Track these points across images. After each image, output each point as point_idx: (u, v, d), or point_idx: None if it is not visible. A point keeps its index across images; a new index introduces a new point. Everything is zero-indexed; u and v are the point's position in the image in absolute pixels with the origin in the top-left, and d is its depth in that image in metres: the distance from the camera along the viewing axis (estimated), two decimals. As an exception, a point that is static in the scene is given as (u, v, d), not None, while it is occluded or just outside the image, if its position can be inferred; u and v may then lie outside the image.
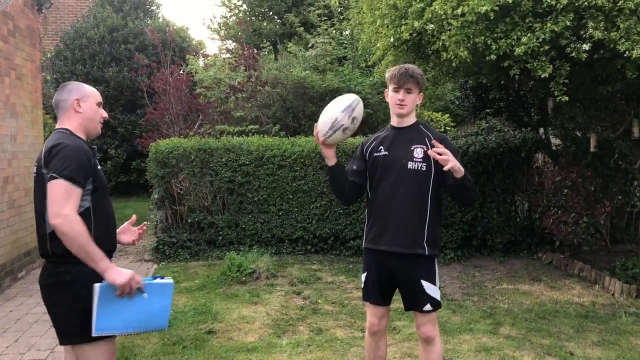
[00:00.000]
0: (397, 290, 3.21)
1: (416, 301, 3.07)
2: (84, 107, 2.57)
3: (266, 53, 10.71)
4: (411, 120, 3.13)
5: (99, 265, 2.35)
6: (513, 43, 4.74)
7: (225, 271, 6.19)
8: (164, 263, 7.14)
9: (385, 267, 3.09)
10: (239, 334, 4.68)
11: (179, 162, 7.33)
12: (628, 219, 7.85)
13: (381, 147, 3.12)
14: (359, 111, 3.02)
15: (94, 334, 2.38)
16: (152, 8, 15.92)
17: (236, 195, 7.42)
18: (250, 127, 8.92)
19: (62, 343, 2.53)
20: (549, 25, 4.58)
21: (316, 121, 3.06)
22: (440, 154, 2.84)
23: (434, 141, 2.92)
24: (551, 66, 4.76)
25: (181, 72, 10.86)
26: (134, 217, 2.87)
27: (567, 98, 4.89)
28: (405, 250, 3.02)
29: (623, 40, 4.39)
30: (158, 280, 2.56)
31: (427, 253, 3.03)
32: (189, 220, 7.43)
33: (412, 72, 3.05)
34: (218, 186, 7.36)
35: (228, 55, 11.88)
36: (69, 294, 2.41)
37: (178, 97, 9.85)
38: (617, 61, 4.86)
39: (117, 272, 2.38)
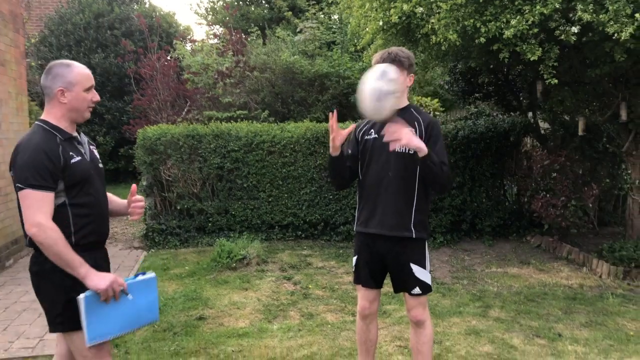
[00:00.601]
0: (387, 274, 3.21)
1: (405, 284, 3.07)
2: (68, 98, 2.44)
3: (254, 38, 10.62)
4: (402, 103, 3.08)
5: (78, 272, 2.31)
6: (502, 26, 4.73)
7: (215, 257, 6.18)
8: (153, 250, 7.10)
9: (375, 250, 3.10)
10: (229, 319, 4.68)
11: (167, 148, 7.27)
12: (615, 202, 7.93)
13: (372, 130, 3.11)
14: (394, 72, 2.84)
15: (87, 345, 2.35)
16: (138, -7, 15.68)
17: (225, 181, 7.39)
18: (238, 112, 8.87)
19: (51, 331, 2.50)
20: (538, 7, 4.56)
21: (305, 107, 3.03)
22: (394, 138, 2.79)
23: (387, 124, 2.83)
24: (540, 49, 4.75)
25: (168, 58, 10.74)
26: (133, 187, 2.71)
27: (556, 81, 4.89)
28: (393, 233, 3.02)
29: (612, 22, 4.39)
30: (140, 277, 2.54)
31: (414, 236, 3.03)
32: (178, 207, 7.39)
33: (395, 55, 3.01)
34: (207, 172, 7.32)
35: (215, 40, 11.76)
36: (51, 282, 2.38)
37: (165, 83, 9.75)
38: (605, 44, 4.87)
39: (99, 278, 2.33)
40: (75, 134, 2.51)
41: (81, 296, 2.32)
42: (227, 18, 14.02)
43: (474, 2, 4.75)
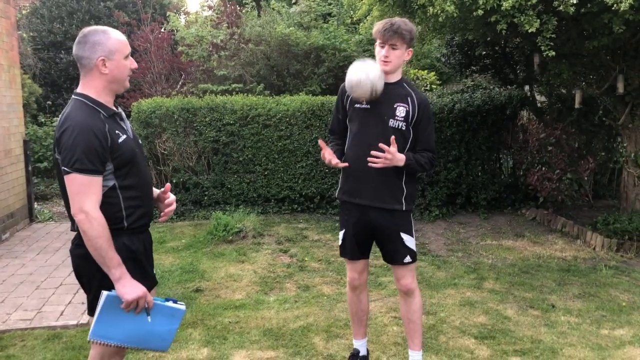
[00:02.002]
0: (374, 245, 3.24)
1: (397, 254, 3.10)
2: (110, 67, 2.24)
3: (249, 10, 10.48)
4: (397, 76, 3.08)
5: (112, 273, 2.17)
6: (501, -3, 4.66)
7: (211, 230, 6.19)
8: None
9: (363, 220, 3.10)
10: (226, 291, 4.71)
11: (162, 122, 7.22)
12: (610, 175, 7.95)
13: None
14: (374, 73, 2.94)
15: (89, 338, 2.24)
16: (131, -37, 15.40)
17: (221, 155, 7.36)
18: (234, 85, 8.80)
19: (89, 314, 2.39)
20: (537, -22, 4.50)
21: (300, 80, 3.03)
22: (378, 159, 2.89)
23: (381, 145, 2.88)
24: (538, 20, 4.70)
25: (162, 30, 10.60)
26: (167, 185, 2.57)
27: (554, 53, 4.86)
28: (385, 206, 3.04)
29: (611, -7, 4.34)
30: (170, 303, 2.36)
31: (404, 208, 3.07)
32: (174, 181, 7.37)
33: (397, 28, 2.96)
34: (202, 146, 7.29)
35: (210, 12, 11.60)
36: (92, 266, 2.23)
37: (160, 56, 9.64)
38: (604, 15, 4.82)
39: (130, 287, 2.19)
40: (117, 109, 2.35)
41: (105, 292, 2.21)
42: (222, -11, 13.80)
43: (472, -28, 4.69)
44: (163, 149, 7.28)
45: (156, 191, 2.56)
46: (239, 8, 10.51)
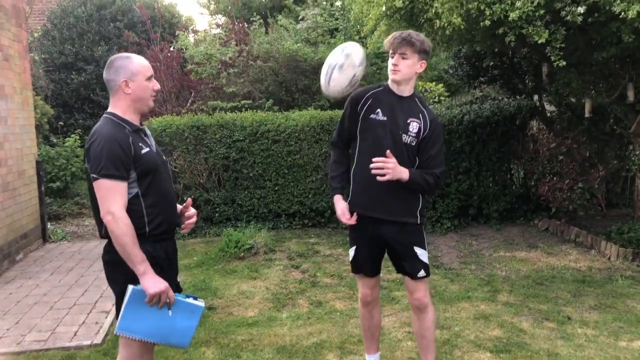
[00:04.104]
0: (386, 259, 3.22)
1: (411, 268, 3.07)
2: (132, 88, 2.50)
3: (257, 27, 10.56)
4: (409, 90, 3.04)
5: (137, 269, 2.37)
6: (507, 8, 4.67)
7: (223, 247, 6.20)
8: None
9: (376, 234, 3.07)
10: (239, 309, 4.70)
11: (173, 140, 7.27)
12: (623, 184, 7.87)
13: (379, 110, 3.01)
14: (352, 47, 2.96)
15: (115, 332, 2.45)
16: (139, -16, 15.61)
17: (231, 171, 7.39)
18: (243, 102, 8.85)
19: (117, 317, 2.55)
20: (543, -12, 4.50)
21: (309, 94, 3.04)
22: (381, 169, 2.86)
23: (376, 160, 2.85)
24: (547, 31, 4.70)
25: (171, 49, 10.71)
26: (189, 200, 2.77)
27: (564, 62, 4.84)
28: (398, 219, 3.01)
29: (618, 1, 4.33)
30: (190, 300, 2.55)
31: (418, 221, 3.06)
32: (185, 198, 7.38)
33: (407, 36, 2.93)
34: (213, 163, 7.32)
35: (218, 30, 11.72)
36: (122, 272, 2.43)
37: (169, 75, 9.73)
38: (612, 24, 4.81)
39: (153, 281, 2.39)
40: (141, 126, 2.59)
41: (131, 286, 2.40)
42: (229, 7, 13.94)
43: (478, -15, 4.70)
44: (174, 166, 7.32)
45: (179, 206, 2.74)
46: (246, 26, 10.61)
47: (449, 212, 7.25)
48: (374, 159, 2.85)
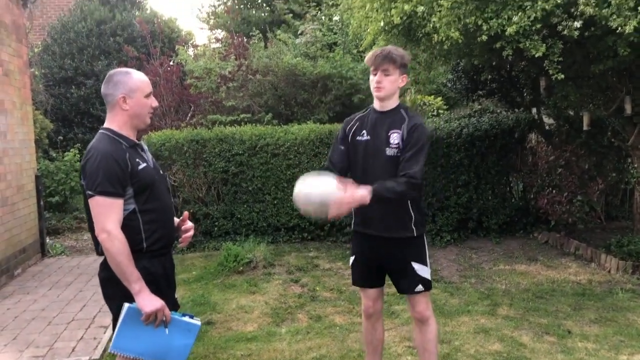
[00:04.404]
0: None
1: (408, 284, 3.07)
2: (130, 104, 2.48)
3: (256, 41, 10.62)
4: (393, 104, 3.06)
5: (132, 287, 2.35)
6: (504, 23, 4.71)
7: (222, 262, 6.18)
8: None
9: (375, 251, 3.10)
10: (237, 323, 4.68)
11: (172, 154, 7.28)
12: (622, 196, 7.88)
13: (363, 131, 3.06)
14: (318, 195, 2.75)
15: (109, 350, 2.42)
16: (140, -1, 15.74)
17: (230, 185, 7.40)
18: (242, 116, 8.87)
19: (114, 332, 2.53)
20: (539, 3, 4.55)
21: (308, 108, 3.03)
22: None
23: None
24: (544, 45, 4.73)
25: (171, 63, 10.75)
26: (186, 214, 2.76)
27: (562, 76, 4.87)
28: (395, 235, 3.02)
29: (615, 16, 4.37)
30: (186, 319, 2.52)
31: (415, 234, 3.05)
32: (184, 212, 7.38)
33: (388, 53, 2.95)
34: (212, 177, 7.33)
35: (218, 44, 11.78)
36: (119, 289, 2.40)
37: (169, 89, 9.76)
38: (608, 38, 4.84)
39: (149, 299, 2.36)
40: (138, 141, 2.57)
41: (126, 304, 2.38)
42: (229, 22, 14.03)
43: (475, 0, 4.74)
44: (173, 180, 7.32)
45: (175, 220, 2.73)
46: (246, 40, 10.66)
47: (448, 225, 7.24)
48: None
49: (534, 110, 7.98)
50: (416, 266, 3.04)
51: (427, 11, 5.05)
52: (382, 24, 5.56)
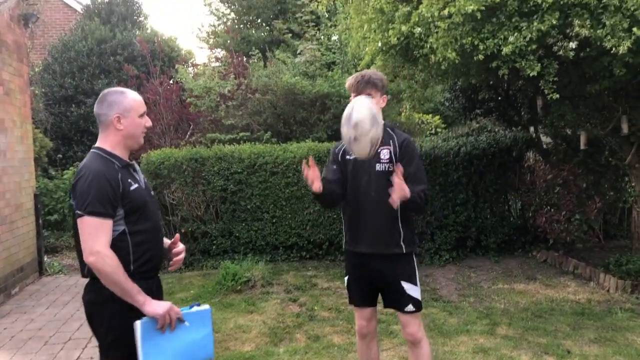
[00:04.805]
0: None
1: (398, 302, 3.10)
2: (125, 124, 2.44)
3: (255, 60, 10.71)
4: None
5: (137, 300, 2.31)
6: (500, 43, 4.76)
7: (220, 280, 6.17)
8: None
9: (366, 268, 3.13)
10: (235, 343, 4.65)
11: (171, 172, 7.30)
12: (620, 215, 7.88)
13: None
14: (357, 113, 2.82)
15: None
16: (140, 19, 15.87)
17: (229, 203, 7.40)
18: (241, 134, 8.91)
19: (101, 358, 2.47)
20: (535, 24, 4.60)
21: (307, 127, 3.07)
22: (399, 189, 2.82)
23: (397, 169, 2.84)
24: (539, 64, 4.78)
25: (171, 82, 10.83)
26: (177, 236, 2.74)
27: (557, 96, 4.91)
28: (383, 251, 3.06)
29: (609, 37, 4.42)
30: (195, 309, 2.50)
31: (404, 251, 3.07)
32: (183, 231, 7.39)
33: (369, 78, 3.10)
34: (211, 195, 7.34)
35: (217, 63, 11.86)
36: (105, 312, 2.37)
37: (168, 107, 9.81)
38: (603, 58, 4.89)
39: (157, 304, 2.34)
40: (131, 161, 2.54)
41: (138, 322, 2.31)
42: (228, 41, 14.14)
43: (472, 21, 4.79)
44: (172, 199, 7.33)
45: (167, 241, 2.69)
46: (245, 59, 10.75)
47: (447, 244, 7.24)
48: (397, 182, 2.82)
49: (532, 129, 8.03)
50: (406, 285, 3.07)
51: (424, 32, 5.10)
52: (379, 44, 5.61)
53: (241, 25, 15.84)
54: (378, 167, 3.05)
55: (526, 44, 4.66)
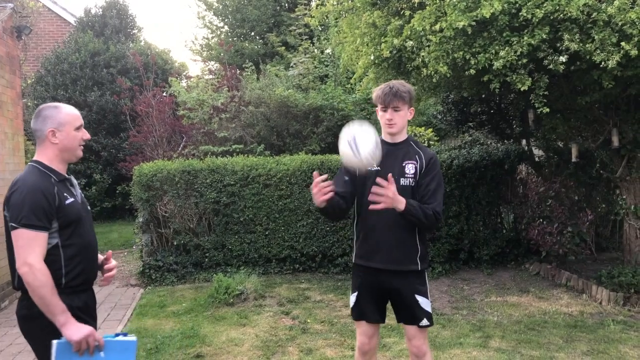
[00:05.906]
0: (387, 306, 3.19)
1: (413, 317, 3.05)
2: (59, 138, 2.47)
3: (249, 73, 10.76)
4: (403, 136, 3.13)
5: (58, 319, 2.28)
6: (491, 57, 4.81)
7: (212, 293, 6.13)
8: (150, 287, 7.05)
9: (378, 284, 3.07)
10: (227, 357, 4.62)
11: (163, 184, 7.28)
12: (612, 227, 7.93)
13: None
14: (360, 139, 2.78)
15: None
16: (134, 31, 15.93)
17: (222, 216, 7.38)
18: (234, 147, 8.92)
19: None
20: (525, 38, 4.65)
21: (300, 139, 3.05)
22: (380, 195, 2.79)
23: (379, 180, 2.81)
24: (530, 79, 4.83)
25: (164, 94, 10.85)
26: (109, 253, 2.75)
27: (547, 109, 4.96)
28: (399, 267, 3.01)
29: (598, 51, 4.48)
30: (120, 338, 2.43)
31: (419, 268, 3.04)
32: (175, 243, 7.36)
33: (397, 91, 3.02)
34: (203, 207, 7.32)
35: (211, 76, 11.91)
36: (40, 325, 2.35)
37: (161, 120, 9.83)
38: (593, 72, 4.95)
39: (76, 328, 2.30)
40: (67, 175, 2.55)
41: (55, 341, 2.29)
42: (222, 54, 14.20)
43: (463, 35, 4.84)
44: (164, 211, 7.31)
45: (100, 257, 2.72)
46: (238, 72, 10.79)
47: (440, 257, 7.24)
48: (372, 188, 2.80)
49: (524, 141, 8.08)
50: (420, 299, 3.03)
51: (416, 45, 5.15)
52: (372, 57, 5.66)
53: (235, 38, 15.92)
54: (402, 181, 2.99)
55: (517, 58, 4.71)
